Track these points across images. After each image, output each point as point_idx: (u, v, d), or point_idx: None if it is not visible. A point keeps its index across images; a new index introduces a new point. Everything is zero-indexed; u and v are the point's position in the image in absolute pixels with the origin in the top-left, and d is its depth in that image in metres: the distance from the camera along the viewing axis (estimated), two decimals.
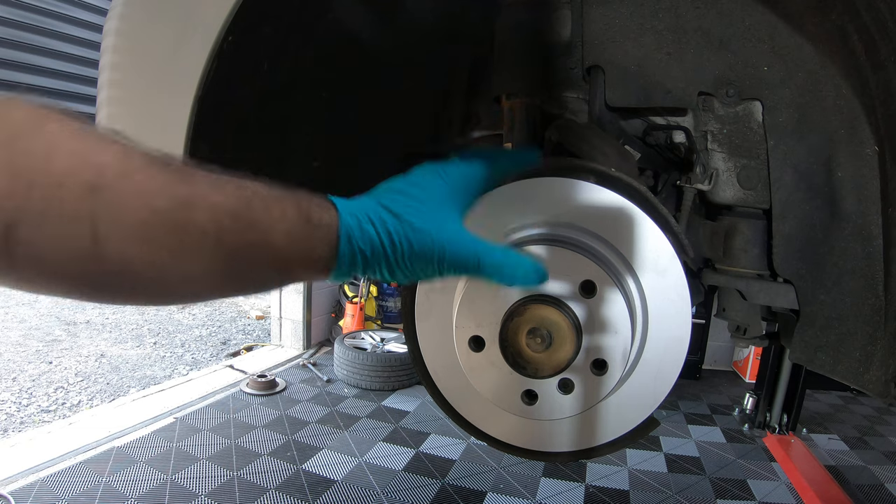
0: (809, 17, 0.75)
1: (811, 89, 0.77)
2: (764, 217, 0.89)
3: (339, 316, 4.33)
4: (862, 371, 0.76)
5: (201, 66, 0.70)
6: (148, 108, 0.80)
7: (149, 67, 0.81)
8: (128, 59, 0.86)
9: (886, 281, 0.73)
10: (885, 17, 0.61)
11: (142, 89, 0.82)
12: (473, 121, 1.10)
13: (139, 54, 0.84)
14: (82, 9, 2.44)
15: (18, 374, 3.55)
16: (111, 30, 0.87)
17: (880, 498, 2.49)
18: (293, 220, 0.41)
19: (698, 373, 4.05)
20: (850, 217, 0.77)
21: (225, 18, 0.69)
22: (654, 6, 0.83)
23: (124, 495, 2.10)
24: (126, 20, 0.85)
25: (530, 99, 0.90)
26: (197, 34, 0.71)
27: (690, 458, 2.77)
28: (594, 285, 0.66)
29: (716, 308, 1.04)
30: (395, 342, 3.78)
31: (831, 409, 3.54)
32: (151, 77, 0.79)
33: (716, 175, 0.90)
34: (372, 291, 4.36)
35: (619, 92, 0.85)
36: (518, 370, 0.67)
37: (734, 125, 0.86)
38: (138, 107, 0.83)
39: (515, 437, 0.81)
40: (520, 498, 2.33)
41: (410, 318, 0.81)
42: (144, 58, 0.83)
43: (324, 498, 2.22)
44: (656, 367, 0.73)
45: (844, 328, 0.78)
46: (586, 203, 0.72)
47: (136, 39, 0.85)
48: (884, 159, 0.71)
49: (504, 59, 0.90)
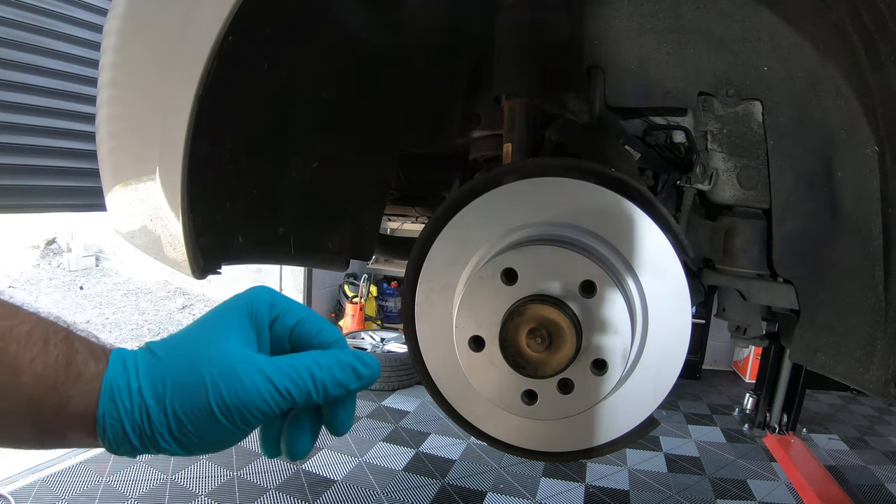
0: (809, 17, 0.75)
1: (811, 89, 0.77)
2: (764, 217, 0.89)
3: (339, 316, 4.33)
4: (862, 371, 0.76)
5: (201, 66, 0.70)
6: (148, 109, 0.80)
7: (148, 67, 0.81)
8: (128, 59, 0.86)
9: (886, 281, 0.73)
10: (885, 16, 0.61)
11: (142, 89, 0.82)
12: (473, 121, 1.10)
13: (139, 54, 0.84)
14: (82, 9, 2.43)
15: None
16: (111, 30, 0.87)
17: (880, 498, 2.49)
18: (48, 363, 0.34)
19: (698, 373, 4.05)
20: (850, 217, 0.77)
21: (225, 18, 0.69)
22: (654, 6, 0.83)
23: (124, 495, 2.10)
24: (126, 20, 0.85)
25: (530, 99, 0.90)
26: (197, 34, 0.71)
27: (690, 458, 2.77)
28: (594, 285, 0.66)
29: (716, 308, 1.04)
30: (395, 342, 3.78)
31: (831, 409, 3.54)
32: (151, 77, 0.79)
33: (716, 175, 0.90)
34: (372, 291, 4.36)
35: (619, 92, 0.85)
36: (518, 370, 0.66)
37: (734, 125, 0.86)
38: (138, 107, 0.83)
39: (515, 437, 0.81)
40: (520, 498, 2.33)
41: (410, 318, 0.80)
42: (144, 58, 0.83)
43: (324, 498, 2.22)
44: (656, 367, 0.73)
45: (844, 328, 0.78)
46: (586, 203, 0.72)
47: (135, 39, 0.85)
48: (884, 159, 0.71)
49: (504, 59, 0.90)
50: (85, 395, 0.35)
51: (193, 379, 0.36)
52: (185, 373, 0.36)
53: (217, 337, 0.38)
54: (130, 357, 0.37)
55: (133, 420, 0.35)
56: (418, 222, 2.31)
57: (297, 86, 0.89)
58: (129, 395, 0.35)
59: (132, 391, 0.36)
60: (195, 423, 0.36)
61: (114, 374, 0.36)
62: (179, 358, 0.37)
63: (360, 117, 0.97)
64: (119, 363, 0.37)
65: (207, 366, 0.36)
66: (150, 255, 0.93)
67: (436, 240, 0.77)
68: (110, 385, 0.35)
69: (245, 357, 0.37)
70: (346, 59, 0.93)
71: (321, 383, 0.38)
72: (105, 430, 0.35)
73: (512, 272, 0.68)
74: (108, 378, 0.36)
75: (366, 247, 1.02)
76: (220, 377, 0.36)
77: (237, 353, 0.38)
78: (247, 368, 0.37)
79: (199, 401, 0.36)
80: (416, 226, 3.08)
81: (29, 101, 2.25)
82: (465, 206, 0.75)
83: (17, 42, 2.17)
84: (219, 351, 0.37)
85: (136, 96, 0.84)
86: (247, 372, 0.36)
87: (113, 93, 0.88)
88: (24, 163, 2.26)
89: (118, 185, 0.88)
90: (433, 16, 0.97)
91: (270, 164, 0.91)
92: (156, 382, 0.36)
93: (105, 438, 0.35)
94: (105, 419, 0.35)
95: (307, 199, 0.96)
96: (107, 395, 0.35)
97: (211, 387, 0.36)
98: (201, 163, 0.77)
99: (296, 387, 0.37)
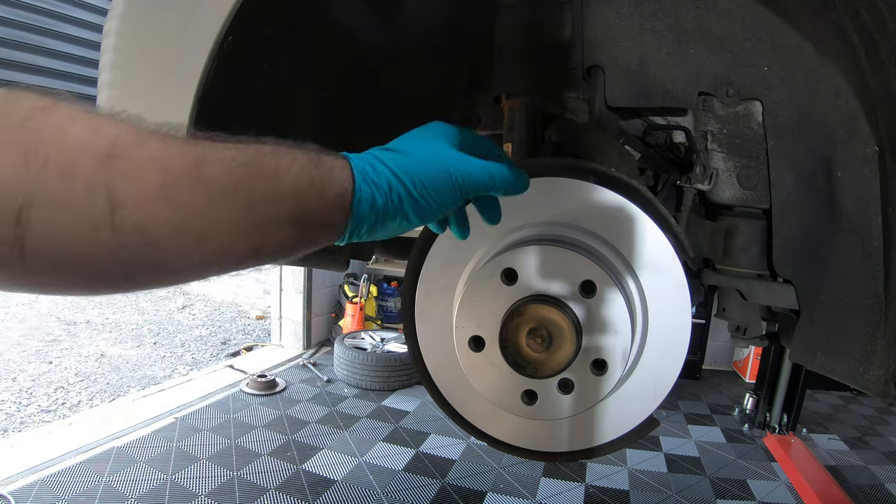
0: (809, 17, 0.75)
1: (811, 89, 0.77)
2: (764, 217, 0.89)
3: (339, 316, 4.33)
4: (862, 371, 0.76)
5: (201, 66, 0.70)
6: (148, 109, 0.80)
7: (149, 67, 0.81)
8: (128, 59, 0.86)
9: (886, 281, 0.73)
10: (885, 17, 0.61)
11: (142, 89, 0.82)
12: (473, 121, 1.10)
13: (139, 54, 0.84)
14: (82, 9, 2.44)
15: (18, 374, 3.54)
16: (111, 30, 0.87)
17: (880, 498, 2.49)
18: (303, 164, 0.43)
19: (698, 373, 4.05)
20: (850, 217, 0.77)
21: (225, 18, 0.69)
22: (654, 6, 0.83)
23: (124, 495, 2.10)
24: (126, 20, 0.85)
25: (530, 99, 0.90)
26: (197, 34, 0.71)
27: (690, 458, 2.77)
28: (594, 285, 0.66)
29: (716, 308, 1.04)
30: (395, 342, 3.78)
31: (831, 409, 3.54)
32: (151, 77, 0.79)
33: (716, 175, 0.90)
34: (372, 291, 4.36)
35: (619, 92, 0.85)
36: (518, 370, 0.67)
37: (734, 125, 0.86)
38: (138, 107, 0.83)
39: (515, 437, 0.81)
40: (520, 498, 2.33)
41: (410, 318, 0.81)
42: (144, 58, 0.83)
43: (324, 498, 2.22)
44: (656, 367, 0.73)
45: (844, 328, 0.78)
46: (586, 203, 0.72)
47: (135, 39, 0.85)
48: (884, 159, 0.71)
49: (504, 59, 0.90)
50: (340, 180, 0.45)
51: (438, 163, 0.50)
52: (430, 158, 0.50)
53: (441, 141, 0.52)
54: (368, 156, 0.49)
55: (381, 191, 0.46)
56: None
57: (297, 86, 0.89)
58: (376, 175, 0.47)
59: (379, 172, 0.47)
60: (437, 189, 0.49)
61: (361, 162, 0.47)
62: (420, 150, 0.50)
63: (359, 117, 0.97)
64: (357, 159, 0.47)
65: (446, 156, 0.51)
66: None
67: (436, 240, 0.77)
68: (360, 169, 0.46)
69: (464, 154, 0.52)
70: (346, 59, 0.93)
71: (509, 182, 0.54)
72: (360, 202, 0.45)
73: (512, 272, 0.68)
74: (356, 164, 0.46)
75: (366, 247, 1.02)
76: (457, 161, 0.51)
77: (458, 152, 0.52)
78: (472, 160, 0.52)
79: (443, 175, 0.49)
80: None
81: None
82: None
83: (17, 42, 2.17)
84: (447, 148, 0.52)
85: (136, 97, 0.84)
86: (472, 162, 0.52)
87: (113, 93, 0.88)
88: None
89: None
90: (433, 16, 0.97)
91: None
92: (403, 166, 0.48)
93: (357, 210, 0.45)
94: (361, 192, 0.45)
95: None
96: (359, 176, 0.46)
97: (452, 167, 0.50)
98: None
99: (500, 177, 0.53)
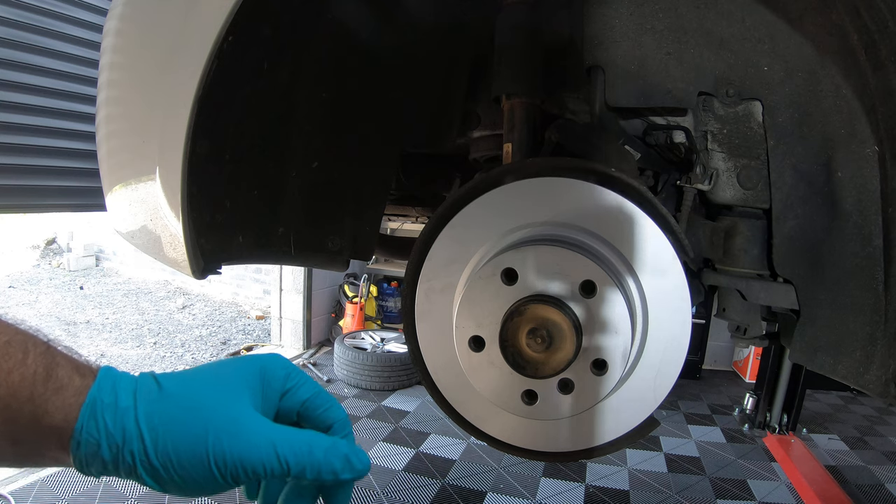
0: (809, 17, 0.75)
1: (811, 89, 0.77)
2: (764, 217, 0.89)
3: (339, 316, 4.33)
4: (862, 371, 0.76)
5: (201, 66, 0.70)
6: (148, 109, 0.80)
7: (148, 68, 0.81)
8: (127, 60, 0.86)
9: (886, 281, 0.73)
10: (885, 16, 0.61)
11: (142, 89, 0.82)
12: (473, 121, 1.10)
13: (139, 55, 0.84)
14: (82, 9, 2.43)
15: None
16: (111, 30, 0.87)
17: (880, 498, 2.49)
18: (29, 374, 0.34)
19: (698, 373, 4.06)
20: (850, 217, 0.77)
21: (225, 18, 0.69)
22: (654, 6, 0.83)
23: (124, 495, 2.10)
24: (126, 20, 0.85)
25: (530, 99, 0.90)
26: (197, 34, 0.71)
27: (690, 458, 2.77)
28: (594, 285, 0.66)
29: (716, 308, 1.04)
30: (395, 342, 3.78)
31: (831, 409, 3.54)
32: (151, 77, 0.79)
33: (716, 175, 0.90)
34: (372, 291, 4.36)
35: (619, 92, 0.85)
36: (518, 370, 0.67)
37: (734, 125, 0.86)
38: (138, 107, 0.83)
39: (515, 437, 0.81)
40: (520, 498, 2.33)
41: (410, 318, 0.80)
42: (144, 58, 0.83)
43: None
44: (656, 367, 0.73)
45: (844, 328, 0.78)
46: (586, 203, 0.72)
47: (135, 39, 0.85)
48: (884, 159, 0.71)
49: (504, 59, 0.90)
50: (65, 407, 0.34)
51: (196, 423, 0.36)
52: (189, 413, 0.36)
53: (229, 390, 0.39)
54: (126, 380, 0.37)
55: (111, 440, 0.34)
56: (418, 222, 2.31)
57: (298, 85, 0.89)
58: (113, 414, 0.35)
59: (118, 411, 0.35)
60: (184, 465, 0.35)
61: (101, 391, 0.35)
62: (186, 397, 0.37)
63: (359, 117, 0.97)
64: (108, 382, 0.36)
65: (214, 414, 0.36)
66: (150, 255, 0.93)
67: (436, 240, 0.77)
68: (94, 401, 0.35)
69: (253, 417, 0.38)
70: (346, 59, 0.93)
71: (317, 465, 0.38)
72: (79, 445, 0.34)
73: (512, 272, 0.68)
74: (94, 394, 0.35)
75: (366, 247, 1.02)
76: (225, 430, 0.36)
77: (246, 411, 0.38)
78: (253, 429, 0.37)
79: (197, 445, 0.35)
80: (416, 226, 3.08)
81: (29, 101, 2.25)
82: (466, 206, 0.76)
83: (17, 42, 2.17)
84: (228, 404, 0.38)
85: (136, 96, 0.84)
86: (253, 432, 0.37)
87: (113, 93, 0.88)
88: (25, 163, 2.26)
89: (118, 185, 0.88)
90: (433, 15, 0.96)
91: (270, 164, 0.91)
92: (153, 413, 0.35)
93: (77, 454, 0.34)
94: (82, 433, 0.34)
95: (307, 199, 0.96)
96: (88, 410, 0.34)
97: (213, 436, 0.35)
98: (201, 163, 0.77)
99: (295, 460, 0.37)
